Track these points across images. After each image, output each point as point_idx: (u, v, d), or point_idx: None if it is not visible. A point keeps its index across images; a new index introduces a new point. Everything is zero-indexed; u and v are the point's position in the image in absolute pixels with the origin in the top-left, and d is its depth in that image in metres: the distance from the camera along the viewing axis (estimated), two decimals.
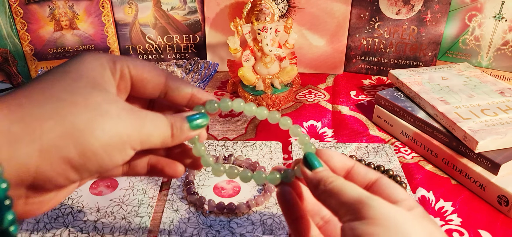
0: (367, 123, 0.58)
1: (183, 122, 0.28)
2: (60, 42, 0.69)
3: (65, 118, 0.22)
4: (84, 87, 0.24)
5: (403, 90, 0.57)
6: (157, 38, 0.73)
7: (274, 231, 0.38)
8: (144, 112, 0.27)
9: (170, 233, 0.38)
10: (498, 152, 0.44)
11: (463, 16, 0.65)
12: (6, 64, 0.66)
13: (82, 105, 0.23)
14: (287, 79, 0.62)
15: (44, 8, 0.66)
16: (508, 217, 0.41)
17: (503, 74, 0.66)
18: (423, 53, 0.70)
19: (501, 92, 0.54)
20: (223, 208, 0.40)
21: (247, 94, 0.63)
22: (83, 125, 0.23)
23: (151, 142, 0.26)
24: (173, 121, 0.28)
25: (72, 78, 0.24)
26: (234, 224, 0.39)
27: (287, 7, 0.69)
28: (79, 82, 0.24)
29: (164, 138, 0.27)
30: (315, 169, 0.28)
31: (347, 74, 0.74)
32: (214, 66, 0.61)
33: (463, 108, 0.50)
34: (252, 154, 0.50)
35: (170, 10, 0.70)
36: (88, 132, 0.23)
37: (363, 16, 0.69)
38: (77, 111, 0.23)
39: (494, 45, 0.65)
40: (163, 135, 0.27)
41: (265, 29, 0.59)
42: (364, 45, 0.72)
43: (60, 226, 0.39)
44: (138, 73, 0.28)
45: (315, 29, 0.70)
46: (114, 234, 0.38)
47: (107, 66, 0.26)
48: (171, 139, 0.28)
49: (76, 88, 0.24)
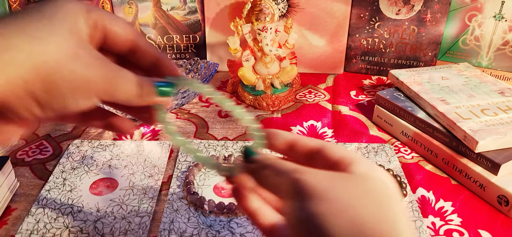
0: (367, 123, 0.58)
1: (151, 86, 0.28)
2: None
3: (36, 55, 0.23)
4: (59, 28, 0.24)
5: (403, 90, 0.57)
6: (157, 38, 0.73)
7: None
8: (115, 65, 0.27)
9: (170, 233, 0.38)
10: (498, 152, 0.44)
11: (463, 16, 0.65)
12: None
13: (55, 45, 0.24)
14: (287, 79, 0.62)
15: None
16: (508, 217, 0.41)
17: (503, 74, 0.66)
18: (423, 53, 0.70)
19: (501, 92, 0.54)
20: (223, 208, 0.40)
21: (247, 94, 0.63)
22: (53, 64, 0.23)
23: (116, 96, 0.27)
24: (142, 82, 0.28)
25: (47, 18, 0.24)
26: (234, 224, 0.39)
27: (287, 7, 0.69)
28: (54, 22, 0.24)
29: (130, 96, 0.27)
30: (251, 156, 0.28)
31: (347, 74, 0.74)
32: (214, 66, 0.61)
33: (463, 108, 0.50)
34: None
35: (170, 10, 0.70)
36: (57, 71, 0.23)
37: (363, 16, 0.69)
38: (49, 50, 0.23)
39: (494, 45, 0.65)
40: (130, 92, 0.27)
41: (265, 29, 0.59)
42: (364, 45, 0.72)
43: (60, 226, 0.39)
44: (111, 25, 0.28)
45: (315, 29, 0.70)
46: (114, 234, 0.38)
47: (81, 14, 0.26)
48: (137, 98, 0.28)
49: (50, 28, 0.24)
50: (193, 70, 0.64)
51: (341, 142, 0.53)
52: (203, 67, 0.63)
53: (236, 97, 0.66)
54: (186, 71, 0.65)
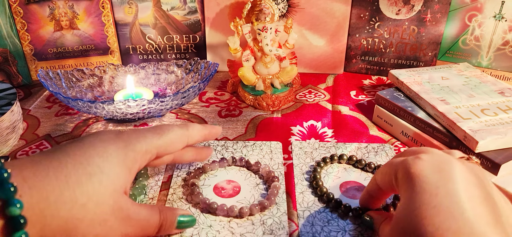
0: (367, 123, 0.58)
1: (174, 221, 0.35)
2: (60, 42, 0.69)
3: (69, 219, 0.27)
4: (96, 180, 0.29)
5: (403, 90, 0.57)
6: (157, 38, 0.73)
7: (274, 231, 0.38)
8: (139, 211, 0.33)
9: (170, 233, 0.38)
10: (498, 152, 0.44)
11: (463, 16, 0.65)
12: (6, 64, 0.66)
13: (90, 206, 0.28)
14: (287, 79, 0.62)
15: (44, 8, 0.66)
16: None
17: (503, 74, 0.66)
18: (423, 53, 0.70)
19: (501, 92, 0.54)
20: (233, 213, 0.40)
21: (247, 94, 0.63)
22: (81, 231, 0.28)
23: (139, 234, 0.33)
24: (164, 218, 0.34)
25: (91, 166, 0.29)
26: (234, 224, 0.39)
27: (287, 7, 0.69)
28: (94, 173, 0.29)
29: (150, 231, 0.33)
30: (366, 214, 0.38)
31: (347, 74, 0.74)
32: (214, 66, 0.61)
33: (463, 108, 0.50)
34: (252, 154, 0.50)
35: (170, 10, 0.70)
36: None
37: (363, 16, 0.69)
38: (83, 215, 0.28)
39: (494, 45, 0.65)
40: (151, 228, 0.34)
41: (265, 29, 0.59)
42: (364, 45, 0.72)
43: None
44: (166, 150, 0.37)
45: (315, 29, 0.70)
46: None
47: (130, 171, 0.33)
48: (156, 231, 0.34)
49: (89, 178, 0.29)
50: (193, 70, 0.64)
51: (341, 142, 0.53)
52: (203, 67, 0.63)
53: (236, 97, 0.66)
54: (186, 71, 0.65)
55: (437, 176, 0.27)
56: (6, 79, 0.67)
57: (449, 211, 0.24)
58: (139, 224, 0.32)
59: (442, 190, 0.25)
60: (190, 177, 0.44)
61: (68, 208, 0.27)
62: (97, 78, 0.63)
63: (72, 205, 0.27)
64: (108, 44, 0.71)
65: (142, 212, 0.33)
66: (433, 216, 0.24)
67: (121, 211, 0.30)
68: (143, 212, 0.33)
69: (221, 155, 0.49)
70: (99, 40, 0.70)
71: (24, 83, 0.69)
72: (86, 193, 0.28)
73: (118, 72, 0.64)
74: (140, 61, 0.74)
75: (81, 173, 0.28)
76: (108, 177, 0.29)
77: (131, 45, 0.73)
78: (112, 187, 0.29)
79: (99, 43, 0.71)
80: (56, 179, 0.27)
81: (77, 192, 0.27)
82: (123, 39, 0.72)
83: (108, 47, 0.71)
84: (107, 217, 0.29)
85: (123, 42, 0.72)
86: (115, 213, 0.30)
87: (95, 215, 0.28)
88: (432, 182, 0.26)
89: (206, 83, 0.57)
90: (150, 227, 0.33)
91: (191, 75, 0.64)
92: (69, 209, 0.27)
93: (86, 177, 0.28)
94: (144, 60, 0.74)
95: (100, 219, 0.28)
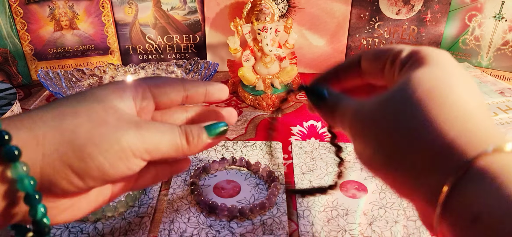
0: None
1: (201, 130, 0.30)
2: (60, 42, 0.69)
3: (66, 128, 0.24)
4: (91, 105, 0.26)
5: None
6: (157, 38, 0.73)
7: (274, 231, 0.38)
8: (149, 122, 0.28)
9: (170, 233, 0.38)
10: None
11: (463, 16, 0.65)
12: (6, 64, 0.66)
13: (85, 117, 0.25)
14: (287, 79, 0.62)
15: (44, 8, 0.66)
16: None
17: (503, 74, 0.66)
18: None
19: (501, 92, 0.54)
20: (233, 213, 0.40)
21: (247, 94, 0.63)
22: (82, 134, 0.24)
23: (161, 151, 0.27)
24: (187, 130, 0.29)
25: (84, 98, 0.27)
26: (234, 224, 0.39)
27: (287, 7, 0.69)
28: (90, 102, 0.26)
29: (176, 146, 0.28)
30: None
31: None
32: (214, 66, 0.61)
33: None
34: (252, 154, 0.50)
35: (170, 10, 0.70)
36: (86, 139, 0.24)
37: (363, 16, 0.69)
38: (78, 122, 0.25)
39: (494, 45, 0.65)
40: (175, 143, 0.28)
41: (265, 29, 0.59)
42: (364, 45, 0.72)
43: (60, 226, 0.39)
44: (159, 88, 0.31)
45: (315, 29, 0.70)
46: (114, 234, 0.38)
47: (128, 92, 0.29)
48: (188, 147, 0.29)
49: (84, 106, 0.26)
50: (193, 70, 0.64)
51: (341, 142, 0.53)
52: (203, 67, 0.63)
53: (236, 97, 0.66)
54: (186, 71, 0.65)
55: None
56: (6, 79, 0.67)
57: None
58: (152, 126, 0.27)
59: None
60: (190, 177, 0.44)
61: (62, 119, 0.25)
62: (97, 78, 0.63)
63: (66, 116, 0.25)
64: (108, 44, 0.71)
65: (154, 123, 0.28)
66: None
67: (125, 115, 0.27)
68: (153, 122, 0.28)
69: (221, 155, 0.49)
70: (99, 40, 0.70)
71: (24, 83, 0.69)
72: (84, 107, 0.26)
73: (118, 72, 0.64)
74: (140, 61, 0.74)
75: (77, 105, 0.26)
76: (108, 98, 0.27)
77: (131, 45, 0.73)
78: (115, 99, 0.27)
79: (99, 43, 0.71)
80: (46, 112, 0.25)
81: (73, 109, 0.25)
82: (123, 39, 0.72)
83: (108, 47, 0.71)
84: (106, 118, 0.26)
85: (123, 42, 0.72)
86: (115, 115, 0.26)
87: (96, 114, 0.26)
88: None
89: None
90: (170, 132, 0.28)
91: (191, 75, 0.64)
92: (65, 121, 0.25)
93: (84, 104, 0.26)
94: (144, 60, 0.74)
95: (101, 119, 0.25)
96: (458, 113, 0.21)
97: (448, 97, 0.22)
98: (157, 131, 0.27)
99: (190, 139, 0.29)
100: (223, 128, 0.31)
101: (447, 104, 0.22)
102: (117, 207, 0.40)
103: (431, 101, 0.22)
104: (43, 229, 0.24)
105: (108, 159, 0.25)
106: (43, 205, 0.24)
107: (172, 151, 0.28)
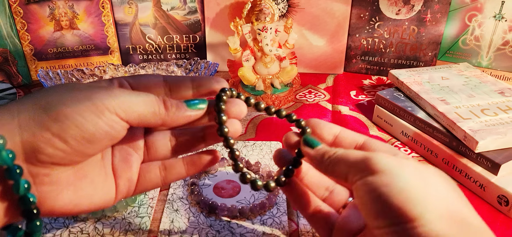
0: (367, 123, 0.58)
1: (180, 102, 0.30)
2: (60, 42, 0.69)
3: (38, 98, 0.26)
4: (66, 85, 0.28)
5: (403, 90, 0.57)
6: (157, 38, 0.73)
7: (274, 231, 0.38)
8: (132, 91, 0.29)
9: (170, 233, 0.38)
10: (498, 152, 0.44)
11: (463, 16, 0.65)
12: (6, 64, 0.66)
13: (55, 89, 0.26)
14: (287, 79, 0.62)
15: (44, 8, 0.66)
16: (508, 217, 0.41)
17: (503, 74, 0.66)
18: (423, 53, 0.70)
19: (501, 92, 0.54)
20: (233, 213, 0.40)
21: (247, 94, 0.63)
22: (54, 100, 0.25)
23: (137, 111, 0.27)
24: (165, 98, 0.29)
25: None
26: (234, 224, 0.39)
27: (287, 7, 0.69)
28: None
29: (154, 110, 0.28)
30: (316, 147, 0.30)
31: (347, 74, 0.74)
32: (214, 66, 0.61)
33: (463, 108, 0.50)
34: (252, 154, 0.50)
35: (170, 10, 0.70)
36: (59, 102, 0.25)
37: (363, 16, 0.69)
38: (49, 93, 0.26)
39: (494, 45, 0.65)
40: (151, 106, 0.28)
41: (265, 29, 0.59)
42: (364, 45, 0.72)
43: (60, 226, 0.39)
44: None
45: (315, 29, 0.70)
46: (114, 234, 0.38)
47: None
48: (166, 113, 0.29)
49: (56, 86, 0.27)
50: (193, 70, 0.64)
51: None
52: (203, 67, 0.63)
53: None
54: (186, 71, 0.65)
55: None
56: (6, 79, 0.67)
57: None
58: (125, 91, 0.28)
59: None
60: (190, 177, 0.44)
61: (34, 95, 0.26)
62: (97, 78, 0.63)
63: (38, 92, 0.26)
64: (108, 44, 0.71)
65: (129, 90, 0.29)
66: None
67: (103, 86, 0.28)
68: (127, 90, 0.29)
69: (221, 155, 0.49)
70: (99, 40, 0.70)
71: (24, 83, 0.69)
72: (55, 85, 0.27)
73: (118, 72, 0.64)
74: (140, 61, 0.74)
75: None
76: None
77: (131, 45, 0.73)
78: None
79: (99, 43, 0.71)
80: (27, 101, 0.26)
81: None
82: (123, 39, 0.72)
83: (108, 47, 0.71)
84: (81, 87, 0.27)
85: (123, 42, 0.72)
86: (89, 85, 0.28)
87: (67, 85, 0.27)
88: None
89: None
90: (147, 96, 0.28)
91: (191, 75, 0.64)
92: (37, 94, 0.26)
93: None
94: (144, 60, 0.74)
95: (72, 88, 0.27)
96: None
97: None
98: (131, 93, 0.28)
99: (169, 106, 0.29)
100: (203, 105, 0.31)
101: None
102: (117, 207, 0.40)
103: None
104: (29, 208, 0.25)
105: (82, 115, 0.25)
106: (26, 181, 0.24)
107: (149, 114, 0.28)
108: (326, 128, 0.33)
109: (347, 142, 0.32)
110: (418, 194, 0.23)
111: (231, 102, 0.32)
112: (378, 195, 0.24)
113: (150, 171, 0.32)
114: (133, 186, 0.31)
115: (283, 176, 0.32)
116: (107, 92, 0.27)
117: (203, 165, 0.33)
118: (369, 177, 0.25)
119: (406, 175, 0.24)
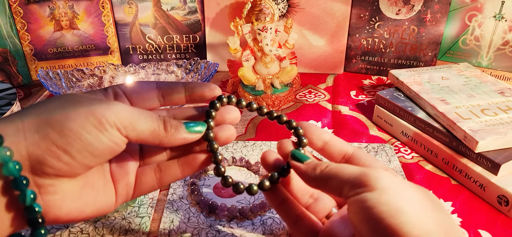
0: (367, 123, 0.58)
1: (179, 124, 0.30)
2: (60, 42, 0.69)
3: (41, 110, 0.26)
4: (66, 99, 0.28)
5: (403, 90, 0.57)
6: (157, 38, 0.73)
7: (274, 231, 0.38)
8: (134, 108, 0.29)
9: (170, 233, 0.38)
10: (498, 152, 0.44)
11: (463, 16, 0.65)
12: (6, 64, 0.66)
13: (57, 101, 0.27)
14: (287, 79, 0.62)
15: (44, 8, 0.66)
16: (508, 217, 0.41)
17: (503, 74, 0.66)
18: (423, 53, 0.70)
19: (501, 92, 0.54)
20: (234, 213, 0.40)
21: (247, 94, 0.63)
22: (57, 113, 0.26)
23: (138, 130, 0.28)
24: (166, 119, 0.30)
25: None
26: (234, 224, 0.39)
27: (287, 7, 0.69)
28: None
29: (153, 129, 0.29)
30: (305, 161, 0.30)
31: (347, 74, 0.74)
32: (214, 66, 0.61)
33: (463, 108, 0.50)
34: (252, 154, 0.50)
35: (170, 10, 0.70)
36: (62, 116, 0.26)
37: (363, 16, 0.69)
38: (52, 105, 0.26)
39: (494, 45, 0.65)
40: (152, 125, 0.29)
41: (265, 29, 0.59)
42: (364, 45, 0.72)
43: (60, 227, 0.39)
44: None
45: (315, 29, 0.70)
46: (114, 234, 0.38)
47: (100, 94, 0.31)
48: (165, 134, 0.29)
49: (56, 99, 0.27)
50: (193, 70, 0.64)
51: None
52: (203, 67, 0.63)
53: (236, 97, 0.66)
54: (186, 71, 0.65)
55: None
56: (6, 79, 0.67)
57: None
58: (127, 106, 0.28)
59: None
60: (190, 177, 0.44)
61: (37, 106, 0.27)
62: (97, 78, 0.63)
63: (40, 104, 0.27)
64: (108, 44, 0.71)
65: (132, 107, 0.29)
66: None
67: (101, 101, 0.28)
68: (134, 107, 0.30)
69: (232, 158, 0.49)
70: (99, 40, 0.70)
71: (24, 83, 0.69)
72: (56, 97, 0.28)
73: (118, 72, 0.64)
74: (140, 61, 0.74)
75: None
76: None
77: (131, 45, 0.73)
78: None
79: (99, 43, 0.71)
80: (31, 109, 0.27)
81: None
82: (123, 39, 0.72)
83: (108, 47, 0.71)
84: (82, 100, 0.27)
85: (123, 42, 0.72)
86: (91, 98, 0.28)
87: (69, 96, 0.27)
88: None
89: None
90: (148, 115, 0.29)
91: (191, 75, 0.64)
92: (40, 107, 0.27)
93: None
94: (144, 60, 0.74)
95: (74, 101, 0.27)
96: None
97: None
98: (132, 110, 0.28)
99: (168, 127, 0.30)
100: (201, 129, 0.31)
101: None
102: (117, 208, 0.40)
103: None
104: (35, 217, 0.25)
105: (86, 129, 0.26)
106: (32, 191, 0.25)
107: (148, 133, 0.29)
108: (316, 134, 0.33)
109: (335, 150, 0.33)
110: (417, 217, 0.24)
111: (224, 109, 0.33)
112: (375, 213, 0.24)
113: (146, 174, 0.32)
114: (131, 190, 0.32)
115: (268, 181, 0.32)
116: (108, 107, 0.27)
117: (198, 166, 0.33)
118: (367, 194, 0.25)
119: (405, 195, 0.25)
